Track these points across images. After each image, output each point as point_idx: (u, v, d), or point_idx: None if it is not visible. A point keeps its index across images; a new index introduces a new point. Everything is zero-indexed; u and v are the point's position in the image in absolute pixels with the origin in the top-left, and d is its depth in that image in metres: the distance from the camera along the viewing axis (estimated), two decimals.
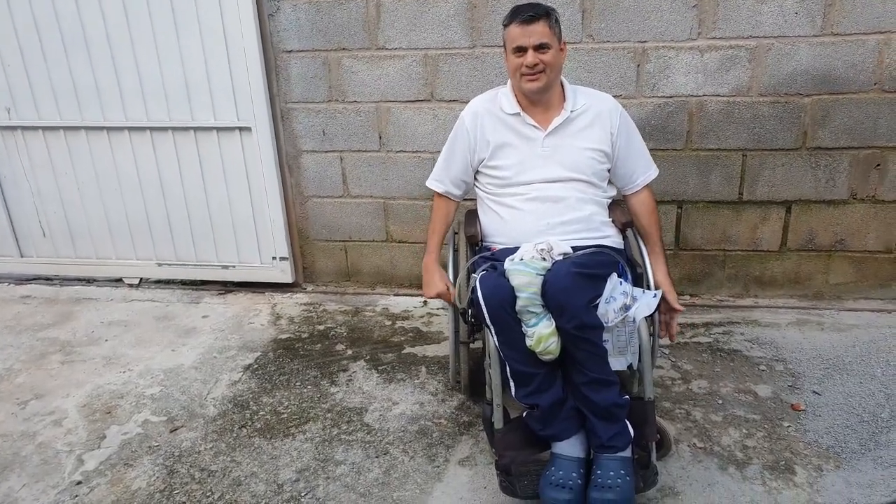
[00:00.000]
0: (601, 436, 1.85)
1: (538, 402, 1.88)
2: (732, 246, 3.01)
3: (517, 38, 2.02)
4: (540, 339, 1.82)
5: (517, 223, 2.11)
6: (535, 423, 1.91)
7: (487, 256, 2.09)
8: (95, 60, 3.11)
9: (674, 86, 2.79)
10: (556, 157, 2.11)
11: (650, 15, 2.70)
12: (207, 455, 2.19)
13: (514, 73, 2.08)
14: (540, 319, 1.84)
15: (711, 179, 2.91)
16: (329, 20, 2.91)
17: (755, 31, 2.67)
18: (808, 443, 2.13)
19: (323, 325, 3.05)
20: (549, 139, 2.11)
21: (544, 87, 2.06)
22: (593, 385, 1.85)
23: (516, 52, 2.03)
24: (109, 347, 2.91)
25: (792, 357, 2.61)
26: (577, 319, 1.81)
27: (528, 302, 1.83)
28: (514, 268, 1.88)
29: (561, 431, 1.89)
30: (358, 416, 2.35)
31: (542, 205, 2.09)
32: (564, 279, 1.84)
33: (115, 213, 3.40)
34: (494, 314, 1.86)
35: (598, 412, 1.85)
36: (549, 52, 2.01)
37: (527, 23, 1.99)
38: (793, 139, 2.80)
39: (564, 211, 2.08)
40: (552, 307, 1.84)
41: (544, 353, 1.84)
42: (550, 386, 1.89)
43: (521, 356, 1.87)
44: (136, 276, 3.51)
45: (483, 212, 2.25)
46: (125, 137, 3.24)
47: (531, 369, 1.88)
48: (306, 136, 3.13)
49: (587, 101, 2.15)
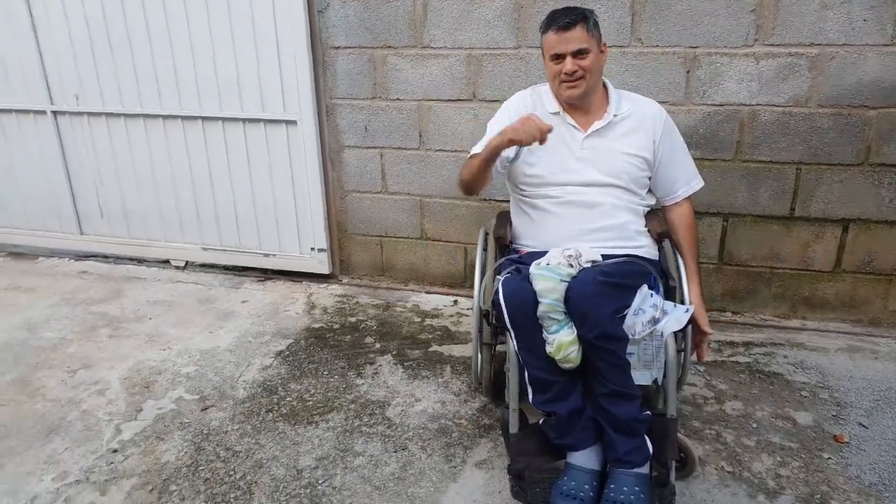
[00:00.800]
0: (618, 449, 1.80)
1: (555, 410, 1.85)
2: (781, 263, 2.87)
3: (554, 46, 1.98)
4: (560, 346, 1.79)
5: (547, 226, 2.07)
6: (552, 431, 1.87)
7: (514, 259, 2.06)
8: (156, 52, 3.24)
9: (725, 93, 2.68)
10: (595, 160, 2.05)
11: (703, 19, 2.60)
12: (233, 435, 2.25)
13: (552, 80, 2.04)
14: (561, 327, 1.80)
15: (761, 193, 2.78)
16: (376, 17, 2.94)
17: (818, 38, 2.54)
18: (848, 477, 2.01)
19: (355, 317, 3.08)
20: (589, 141, 2.06)
21: (584, 93, 2.01)
22: (613, 397, 1.81)
23: (554, 60, 2.00)
24: (153, 325, 3.03)
25: (839, 385, 2.47)
26: (598, 329, 1.76)
27: (550, 308, 1.80)
28: (538, 272, 1.85)
29: (577, 442, 1.85)
30: (380, 410, 2.37)
31: (575, 209, 2.04)
32: (589, 287, 1.79)
33: (167, 197, 3.54)
34: (515, 318, 1.83)
35: (617, 425, 1.80)
36: (588, 58, 1.97)
37: (564, 29, 1.95)
38: (854, 154, 2.65)
39: (598, 217, 2.03)
40: (574, 315, 1.80)
41: (564, 361, 1.81)
42: (569, 395, 1.85)
43: (540, 362, 1.84)
44: (182, 259, 3.64)
45: (515, 213, 2.22)
46: (179, 126, 3.36)
47: (550, 376, 1.84)
48: (349, 131, 3.17)
49: (631, 105, 2.10)
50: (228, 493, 2.01)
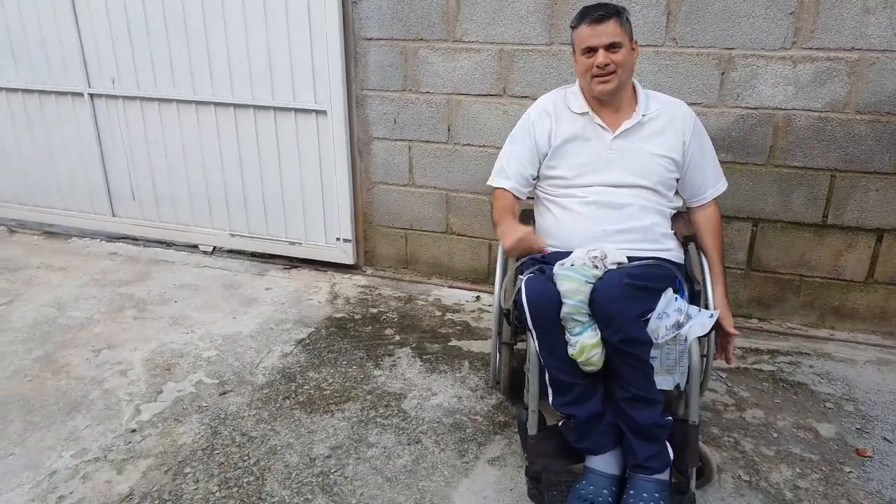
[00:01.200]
0: (638, 455, 1.78)
1: (575, 412, 1.83)
2: (811, 272, 2.81)
3: (587, 39, 1.95)
4: (583, 348, 1.77)
5: (572, 226, 2.05)
6: (571, 434, 1.85)
7: (538, 259, 2.04)
8: (191, 38, 3.28)
9: (760, 97, 2.63)
10: (624, 160, 2.03)
11: (740, 21, 2.55)
12: (250, 421, 2.28)
13: (583, 75, 2.01)
14: (585, 329, 1.78)
15: (793, 199, 2.73)
16: (409, 10, 2.93)
17: (858, 42, 2.47)
18: (869, 493, 1.97)
19: (376, 308, 3.10)
20: (618, 142, 2.04)
21: (616, 89, 1.98)
22: (635, 402, 1.79)
23: (586, 53, 1.97)
24: (178, 309, 3.08)
25: (865, 398, 2.42)
26: (623, 332, 1.74)
27: (574, 310, 1.78)
28: (563, 273, 1.83)
29: (596, 446, 1.83)
30: (396, 402, 2.38)
31: (601, 210, 2.02)
32: (615, 290, 1.77)
33: (197, 183, 3.59)
34: (537, 318, 1.81)
35: (637, 430, 1.78)
36: (620, 52, 1.94)
37: (597, 22, 1.93)
38: (892, 162, 2.58)
39: (624, 218, 2.00)
40: (599, 317, 1.78)
41: (586, 364, 1.79)
42: (590, 398, 1.83)
43: (561, 364, 1.82)
44: (210, 244, 3.70)
45: (539, 212, 2.20)
46: (211, 112, 3.41)
47: (571, 379, 1.82)
48: (378, 123, 3.18)
49: (660, 106, 2.07)
50: (241, 477, 2.04)
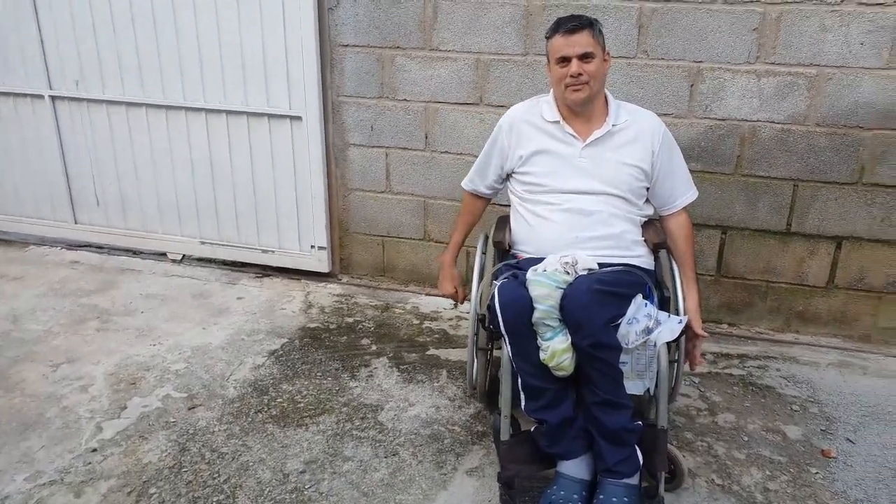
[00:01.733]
0: (607, 459, 1.81)
1: (547, 418, 1.86)
2: (776, 277, 2.90)
3: (561, 49, 2.00)
4: (554, 353, 1.80)
5: (545, 233, 2.08)
6: (543, 439, 1.88)
7: (512, 264, 2.08)
8: (161, 40, 3.22)
9: (727, 109, 2.70)
10: (594, 169, 2.07)
11: (708, 35, 2.62)
12: (220, 436, 2.22)
13: (557, 84, 2.05)
14: (556, 334, 1.81)
15: (759, 207, 2.81)
16: (386, 17, 2.93)
17: (816, 59, 2.57)
18: (835, 493, 2.04)
19: (352, 317, 3.08)
20: (588, 150, 2.08)
21: (588, 98, 2.03)
22: (604, 406, 1.82)
23: (560, 63, 2.02)
24: (144, 319, 3.00)
25: (828, 400, 2.50)
26: (593, 338, 1.78)
27: (545, 315, 1.81)
28: (535, 279, 1.86)
29: (567, 451, 1.86)
30: (373, 414, 2.36)
31: (573, 217, 2.06)
32: (584, 295, 1.80)
33: (166, 189, 3.52)
34: (510, 324, 1.84)
35: (607, 435, 1.82)
36: (593, 62, 1.99)
37: (570, 33, 1.98)
38: (849, 173, 2.68)
39: (595, 225, 2.04)
40: (569, 322, 1.81)
41: (557, 369, 1.82)
42: (561, 403, 1.86)
43: (533, 369, 1.85)
44: (179, 252, 3.62)
45: (514, 218, 2.23)
46: (182, 117, 3.34)
47: (543, 384, 1.85)
48: (355, 129, 3.16)
49: (630, 116, 2.12)
50: (211, 496, 1.97)
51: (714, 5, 2.58)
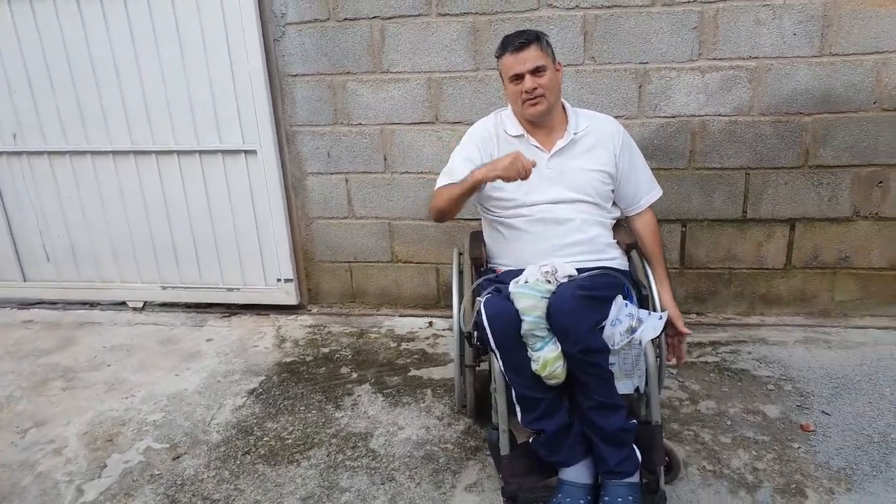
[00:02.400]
0: (609, 461, 1.83)
1: (544, 427, 1.86)
2: (738, 264, 3.00)
3: (512, 67, 2.04)
4: (546, 363, 1.81)
5: (522, 245, 2.11)
6: (542, 449, 1.89)
7: (492, 279, 2.08)
8: (102, 86, 3.14)
9: (676, 106, 2.80)
10: (561, 178, 2.11)
11: (651, 37, 2.72)
12: (210, 483, 2.16)
13: (515, 101, 2.09)
14: (545, 343, 1.82)
15: (715, 198, 2.91)
16: (334, 45, 2.94)
17: (755, 51, 2.69)
18: (818, 465, 2.11)
19: (328, 347, 3.04)
20: (554, 160, 2.12)
21: (546, 110, 2.07)
22: (600, 409, 1.84)
23: (513, 80, 2.05)
24: (112, 373, 2.90)
25: (800, 376, 2.59)
26: (582, 343, 1.80)
27: (534, 326, 1.82)
28: (519, 291, 1.87)
29: (568, 457, 1.87)
30: (363, 442, 2.33)
31: (547, 226, 2.09)
32: (569, 302, 1.83)
33: (120, 236, 3.41)
34: (499, 338, 1.84)
35: (605, 437, 1.83)
36: (545, 75, 2.03)
37: (518, 50, 2.02)
38: (795, 158, 2.81)
39: (569, 233, 2.08)
40: (557, 331, 1.82)
41: (550, 378, 1.83)
42: (557, 411, 1.87)
43: (526, 381, 1.85)
44: (139, 300, 3.51)
45: (487, 233, 2.26)
46: (131, 161, 3.26)
47: (537, 394, 1.86)
48: (311, 158, 3.14)
49: (589, 123, 2.17)
50: None
51: (654, 8, 2.68)
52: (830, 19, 2.60)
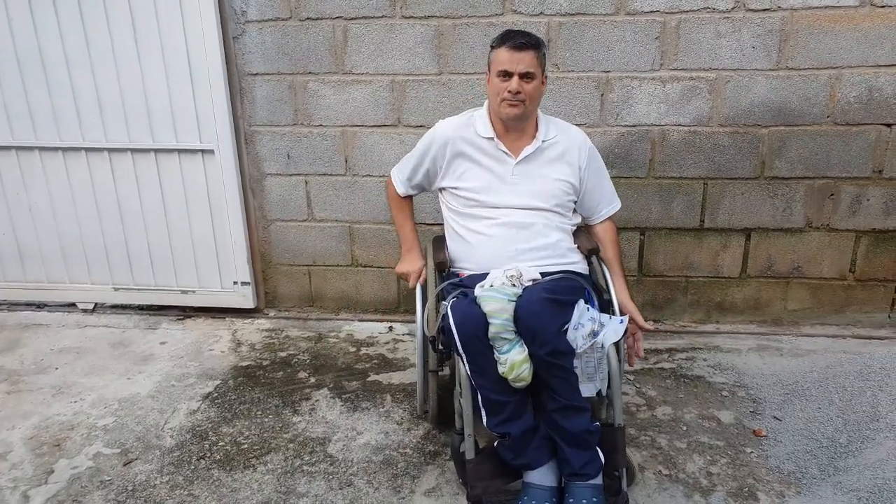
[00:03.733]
0: (573, 463, 1.84)
1: (510, 430, 1.86)
2: (694, 272, 3.06)
3: (504, 62, 2.02)
4: (513, 365, 1.82)
5: (485, 249, 2.11)
6: (507, 453, 1.89)
7: (456, 283, 2.08)
8: (52, 80, 3.03)
9: (637, 115, 2.84)
10: (525, 185, 2.13)
11: (614, 46, 2.75)
12: (163, 489, 2.11)
13: (494, 97, 2.08)
14: (513, 346, 1.83)
15: (674, 207, 2.96)
16: (295, 44, 2.89)
17: (715, 63, 2.75)
18: (770, 469, 2.16)
19: (285, 351, 2.98)
20: (519, 167, 2.13)
21: (522, 116, 2.07)
22: (565, 412, 1.85)
23: (501, 76, 2.03)
24: (60, 376, 2.79)
25: (753, 382, 2.64)
26: (549, 345, 1.81)
27: (501, 328, 1.82)
28: (486, 294, 1.88)
29: (533, 460, 1.88)
30: (321, 447, 2.30)
31: (510, 230, 2.09)
32: (536, 305, 1.84)
33: (70, 235, 3.29)
34: (466, 341, 1.84)
35: (570, 439, 1.85)
36: (532, 83, 2.03)
37: (517, 49, 2.00)
38: (751, 168, 2.88)
39: (532, 237, 2.09)
40: (524, 333, 1.83)
41: (517, 381, 1.83)
42: (522, 414, 1.88)
43: (493, 384, 1.85)
44: (90, 301, 3.40)
45: (450, 237, 2.25)
46: (81, 158, 3.15)
47: (503, 397, 1.86)
48: (270, 159, 3.09)
49: (558, 132, 2.18)
50: None
51: (617, 17, 2.71)
52: (788, 34, 2.67)
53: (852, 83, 2.71)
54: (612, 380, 1.94)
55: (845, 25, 2.64)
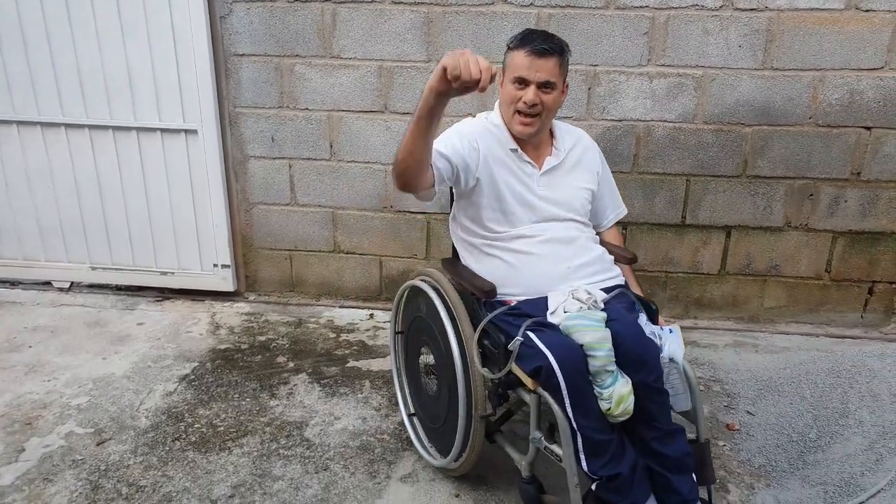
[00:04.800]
0: (681, 491, 1.68)
1: (619, 470, 1.63)
2: (675, 268, 3.09)
3: (522, 68, 1.82)
4: (620, 399, 1.63)
5: (533, 269, 1.88)
6: (613, 496, 1.65)
7: (510, 312, 1.82)
8: (32, 54, 2.97)
9: (623, 110, 2.85)
10: (553, 196, 1.96)
11: (603, 39, 2.76)
12: (137, 469, 2.09)
13: (507, 105, 1.89)
14: (616, 378, 1.65)
15: (656, 202, 2.98)
16: (283, 26, 2.86)
17: (701, 60, 2.76)
18: (741, 461, 2.19)
19: (264, 335, 2.97)
20: (544, 178, 1.96)
21: (535, 133, 1.90)
22: (665, 438, 1.70)
23: (517, 83, 1.84)
24: (33, 354, 2.76)
25: (728, 378, 2.68)
26: (656, 371, 1.67)
27: (607, 360, 1.64)
28: (579, 323, 1.68)
29: (640, 496, 1.67)
30: (298, 431, 2.29)
31: (555, 246, 1.90)
32: (635, 328, 1.69)
33: (47, 212, 3.24)
34: (571, 381, 1.62)
35: (674, 466, 1.69)
36: (552, 94, 1.84)
37: (538, 55, 1.80)
38: (734, 167, 2.90)
39: (579, 252, 1.92)
40: (630, 361, 1.66)
41: (622, 415, 1.64)
42: (625, 450, 1.68)
43: (595, 423, 1.64)
44: (66, 280, 3.35)
45: (476, 259, 1.99)
46: (61, 135, 3.10)
47: (606, 436, 1.65)
48: (254, 141, 3.06)
49: (572, 139, 2.05)
50: None
51: (607, 10, 2.72)
52: (774, 34, 2.70)
53: (834, 85, 2.75)
54: (694, 393, 1.80)
55: (830, 28, 2.68)
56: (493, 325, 1.82)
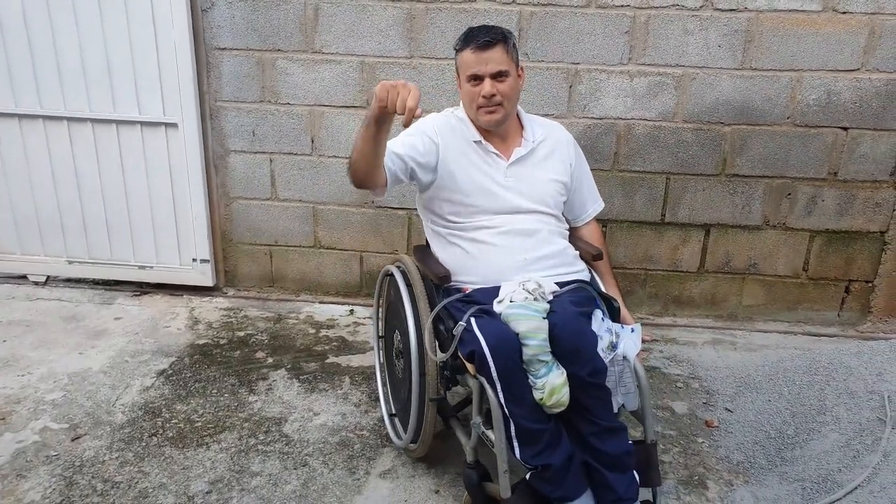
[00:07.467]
0: (617, 489, 1.67)
1: (550, 461, 1.65)
2: (654, 266, 3.11)
3: (472, 66, 1.86)
4: (553, 390, 1.63)
5: (490, 258, 1.92)
6: (545, 486, 1.67)
7: (461, 299, 1.85)
8: (8, 43, 2.93)
9: (604, 108, 2.87)
10: (521, 187, 1.97)
11: (584, 38, 2.77)
12: (112, 465, 2.07)
13: (470, 104, 1.93)
14: (550, 369, 1.65)
15: (636, 200, 3.00)
16: (265, 20, 2.85)
17: (681, 60, 2.79)
18: (719, 458, 2.21)
19: (243, 331, 2.95)
20: (512, 169, 1.98)
21: (503, 120, 1.93)
22: (604, 434, 1.69)
23: (471, 81, 1.88)
24: (7, 349, 2.72)
25: (707, 375, 2.70)
26: (591, 364, 1.66)
27: (539, 350, 1.65)
28: (517, 312, 1.70)
29: (572, 490, 1.68)
30: (277, 427, 2.28)
31: (515, 238, 1.92)
32: (574, 322, 1.69)
33: (23, 205, 3.20)
34: (502, 368, 1.63)
35: (611, 463, 1.68)
36: (506, 81, 1.87)
37: (482, 48, 1.84)
38: (713, 165, 2.93)
39: (539, 245, 1.93)
40: (565, 352, 1.66)
41: (556, 406, 1.65)
42: (559, 441, 1.68)
43: (528, 412, 1.65)
44: (42, 274, 3.31)
45: (441, 247, 2.03)
46: (39, 126, 3.06)
47: (540, 425, 1.66)
48: (235, 135, 3.04)
49: (543, 130, 2.06)
50: None
51: (588, 9, 2.73)
52: (753, 35, 2.73)
53: (812, 86, 2.78)
54: (643, 393, 1.78)
55: (808, 29, 2.71)
56: (446, 311, 1.85)
